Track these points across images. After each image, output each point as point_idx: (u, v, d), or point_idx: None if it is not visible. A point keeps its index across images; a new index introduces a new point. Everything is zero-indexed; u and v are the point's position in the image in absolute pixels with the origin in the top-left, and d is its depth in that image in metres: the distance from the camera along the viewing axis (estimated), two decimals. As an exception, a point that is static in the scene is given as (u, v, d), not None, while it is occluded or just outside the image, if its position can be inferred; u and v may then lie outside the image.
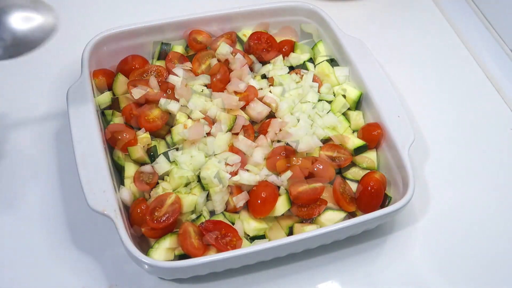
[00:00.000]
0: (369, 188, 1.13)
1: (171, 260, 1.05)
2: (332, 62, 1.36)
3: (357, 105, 1.29)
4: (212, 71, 1.28)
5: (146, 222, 1.05)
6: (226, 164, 1.15)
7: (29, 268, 1.09)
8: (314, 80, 1.31)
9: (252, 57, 1.36)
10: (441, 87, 1.48)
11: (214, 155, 1.18)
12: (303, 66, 1.36)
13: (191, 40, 1.34)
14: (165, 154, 1.16)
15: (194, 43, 1.34)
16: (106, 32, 1.28)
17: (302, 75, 1.32)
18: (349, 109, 1.29)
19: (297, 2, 1.39)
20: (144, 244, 1.09)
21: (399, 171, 1.14)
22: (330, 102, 1.29)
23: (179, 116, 1.23)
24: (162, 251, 1.04)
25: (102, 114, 1.24)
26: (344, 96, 1.29)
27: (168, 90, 1.25)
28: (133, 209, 1.10)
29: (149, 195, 1.13)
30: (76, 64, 1.24)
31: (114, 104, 1.25)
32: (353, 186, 1.20)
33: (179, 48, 1.34)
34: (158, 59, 1.35)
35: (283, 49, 1.38)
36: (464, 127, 1.39)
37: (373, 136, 1.21)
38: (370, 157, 1.21)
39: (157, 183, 1.14)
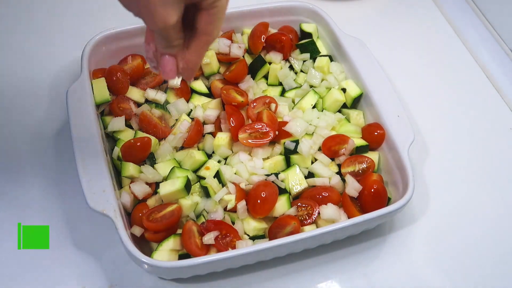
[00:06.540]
0: (373, 191, 1.11)
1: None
2: (332, 61, 1.36)
3: (356, 104, 1.29)
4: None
5: (142, 222, 1.05)
6: (226, 164, 1.15)
7: (29, 268, 1.10)
8: (313, 79, 1.31)
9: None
10: (441, 87, 1.47)
11: (214, 155, 1.18)
12: (303, 65, 1.36)
13: None
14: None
15: None
16: (106, 32, 1.28)
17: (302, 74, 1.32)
18: (347, 108, 1.29)
19: (297, 2, 1.39)
20: (144, 244, 1.09)
21: (399, 171, 1.14)
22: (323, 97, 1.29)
23: (179, 116, 1.23)
24: (166, 253, 1.04)
25: (102, 113, 1.24)
26: (344, 90, 1.28)
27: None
28: (134, 211, 1.10)
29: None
30: (76, 64, 1.25)
31: (114, 104, 1.25)
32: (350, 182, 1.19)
33: None
34: None
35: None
36: (464, 127, 1.39)
37: (374, 137, 1.20)
38: (371, 157, 1.20)
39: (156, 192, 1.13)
